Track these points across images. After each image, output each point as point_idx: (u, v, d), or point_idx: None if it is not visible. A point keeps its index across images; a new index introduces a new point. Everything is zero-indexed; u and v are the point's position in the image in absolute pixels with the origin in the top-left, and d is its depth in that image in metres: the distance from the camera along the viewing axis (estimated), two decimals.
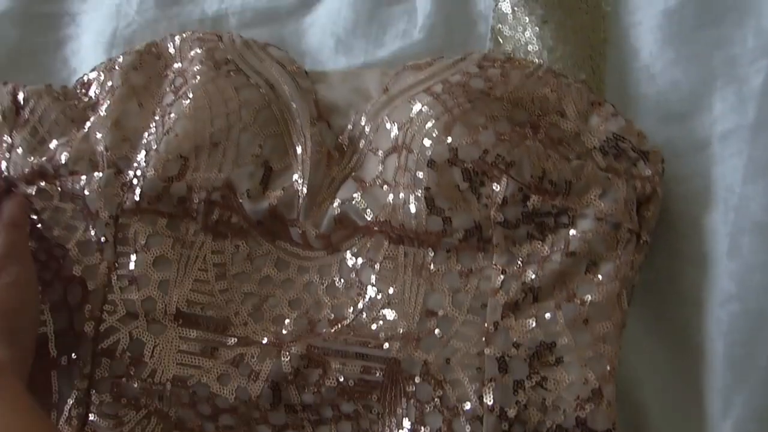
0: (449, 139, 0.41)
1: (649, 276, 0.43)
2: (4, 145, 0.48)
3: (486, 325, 0.40)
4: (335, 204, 0.44)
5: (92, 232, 0.46)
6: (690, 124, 0.45)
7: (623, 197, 0.41)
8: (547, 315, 0.40)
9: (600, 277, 0.40)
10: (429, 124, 0.42)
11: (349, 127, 0.46)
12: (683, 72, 0.46)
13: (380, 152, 0.44)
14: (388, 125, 0.44)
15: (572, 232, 0.41)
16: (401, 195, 0.42)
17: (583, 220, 0.41)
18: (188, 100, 0.45)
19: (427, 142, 0.41)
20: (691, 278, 0.43)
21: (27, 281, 0.43)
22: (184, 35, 0.49)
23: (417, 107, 0.43)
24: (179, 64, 0.49)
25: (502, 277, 0.41)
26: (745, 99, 0.44)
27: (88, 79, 0.50)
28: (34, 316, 0.43)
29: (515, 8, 0.49)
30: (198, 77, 0.46)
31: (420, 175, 0.41)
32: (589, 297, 0.39)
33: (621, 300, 0.40)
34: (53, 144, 0.48)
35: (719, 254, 0.42)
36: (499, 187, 0.41)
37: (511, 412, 0.38)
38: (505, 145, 0.41)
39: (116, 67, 0.49)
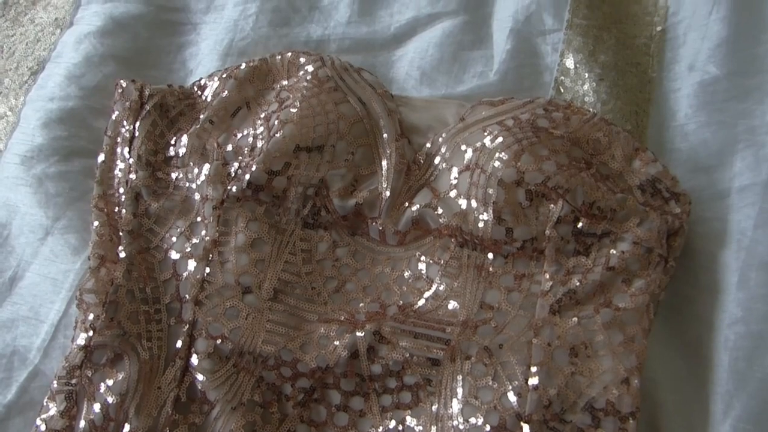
0: (518, 165, 0.48)
1: (672, 299, 0.50)
2: (127, 133, 0.54)
3: (535, 319, 0.47)
4: (414, 207, 0.51)
5: (200, 216, 0.53)
6: (714, 176, 0.52)
7: (657, 228, 0.48)
8: (587, 316, 0.47)
9: (633, 289, 0.47)
10: (501, 151, 0.49)
11: (428, 145, 0.53)
12: (712, 134, 0.53)
13: (454, 169, 0.51)
14: (463, 147, 0.51)
15: (613, 251, 0.48)
16: (473, 206, 0.49)
17: (623, 242, 0.48)
18: (296, 109, 0.52)
19: (498, 165, 0.49)
20: (706, 303, 0.49)
21: None
22: (290, 55, 0.56)
23: (491, 135, 0.50)
24: (286, 81, 0.56)
25: (550, 282, 0.48)
26: (760, 161, 0.51)
27: (205, 83, 0.57)
28: None
29: (577, 65, 0.57)
30: (304, 92, 0.53)
31: (490, 191, 0.48)
32: (623, 305, 0.46)
33: (649, 310, 0.47)
34: (170, 138, 0.55)
35: (730, 285, 0.48)
36: (555, 208, 0.48)
37: (552, 392, 0.45)
38: (564, 174, 0.48)
39: (232, 78, 0.55)
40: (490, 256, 0.50)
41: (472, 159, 0.50)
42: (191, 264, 0.51)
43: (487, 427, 0.45)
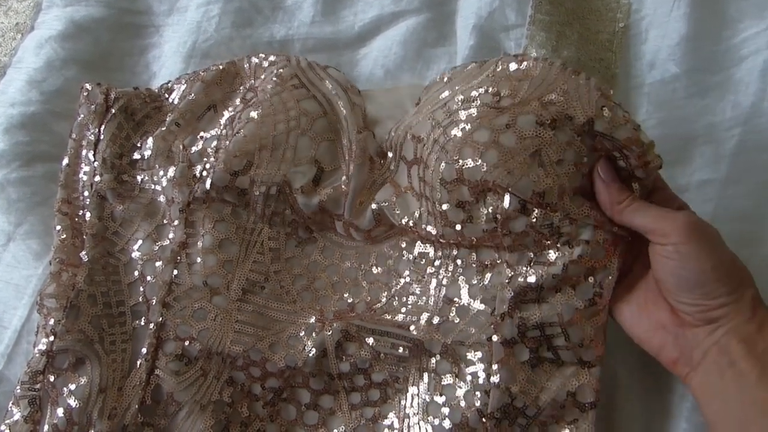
0: (458, 161, 0.44)
1: None
2: (92, 136, 0.54)
3: (495, 315, 0.46)
4: (374, 205, 0.50)
5: (166, 218, 0.53)
6: (674, 172, 0.52)
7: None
8: (548, 310, 0.45)
9: (594, 279, 0.45)
10: (439, 145, 0.46)
11: (387, 136, 0.52)
12: (672, 130, 0.54)
13: (404, 163, 0.50)
14: (409, 138, 0.49)
15: (574, 243, 0.45)
16: (424, 205, 0.48)
17: (584, 230, 0.44)
18: (257, 109, 0.51)
19: (440, 163, 0.45)
20: None
21: None
22: (257, 58, 0.55)
23: (432, 128, 0.47)
24: (252, 82, 0.55)
25: (510, 273, 0.46)
26: (719, 157, 0.52)
27: (172, 86, 0.57)
28: None
29: None
30: (268, 91, 0.52)
31: (435, 189, 0.46)
32: (582, 304, 0.45)
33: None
34: (136, 140, 0.54)
35: None
36: (503, 201, 0.44)
37: (514, 388, 0.45)
38: (507, 165, 0.43)
39: (200, 80, 0.55)
40: (455, 251, 0.49)
41: (417, 152, 0.48)
42: (159, 266, 0.51)
43: (450, 425, 0.46)
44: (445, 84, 0.50)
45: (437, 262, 0.50)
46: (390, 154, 0.52)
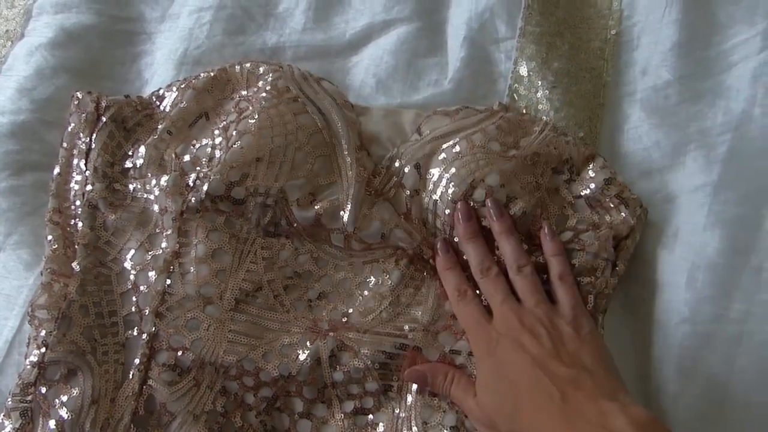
0: (471, 195, 0.49)
1: (625, 299, 0.51)
2: (84, 145, 0.54)
3: None
4: (384, 227, 0.51)
5: (158, 227, 0.52)
6: (666, 178, 0.53)
7: (604, 236, 0.49)
8: None
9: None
10: (453, 180, 0.50)
11: (387, 157, 0.53)
12: (664, 135, 0.53)
13: (407, 190, 0.52)
14: (417, 169, 0.52)
15: None
16: (428, 227, 0.51)
17: (572, 251, 0.49)
18: (254, 120, 0.51)
19: (451, 195, 0.50)
20: (656, 303, 0.49)
21: None
22: (250, 65, 0.55)
23: (444, 164, 0.51)
24: (245, 91, 0.55)
25: None
26: (711, 162, 0.51)
27: (164, 94, 0.56)
28: None
29: (531, 73, 0.58)
30: (263, 102, 0.52)
31: (441, 222, 0.50)
32: None
33: (597, 308, 0.48)
34: (128, 149, 0.54)
35: (679, 285, 0.49)
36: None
37: None
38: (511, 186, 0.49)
39: (191, 88, 0.55)
40: None
41: (428, 184, 0.51)
42: (151, 276, 0.51)
43: (446, 429, 0.46)
44: (446, 117, 0.53)
45: (434, 277, 0.51)
46: (385, 174, 0.53)
